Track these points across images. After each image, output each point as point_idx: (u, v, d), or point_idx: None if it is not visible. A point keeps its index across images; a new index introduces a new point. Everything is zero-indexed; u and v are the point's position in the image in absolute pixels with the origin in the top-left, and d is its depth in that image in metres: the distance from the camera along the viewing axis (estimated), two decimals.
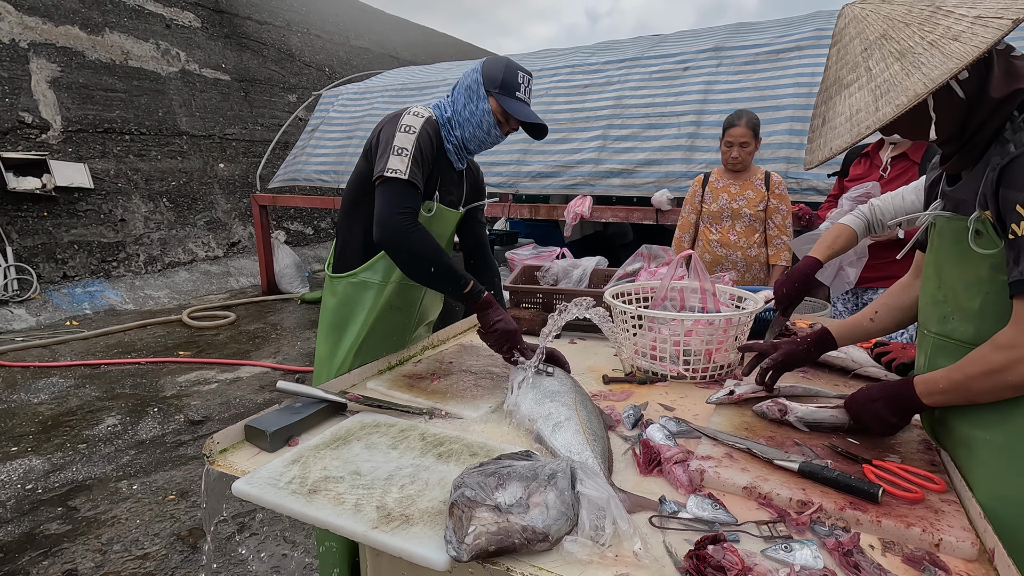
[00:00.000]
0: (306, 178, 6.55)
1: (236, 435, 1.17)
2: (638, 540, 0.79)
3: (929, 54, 0.80)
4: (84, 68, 6.79)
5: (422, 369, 1.60)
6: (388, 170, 1.41)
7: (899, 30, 0.84)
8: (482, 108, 1.50)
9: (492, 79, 1.49)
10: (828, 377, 1.55)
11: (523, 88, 1.51)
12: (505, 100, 1.48)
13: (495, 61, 1.52)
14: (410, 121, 1.47)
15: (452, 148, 1.58)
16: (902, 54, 0.82)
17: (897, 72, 0.82)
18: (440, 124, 1.55)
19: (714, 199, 2.84)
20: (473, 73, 1.52)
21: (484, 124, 1.52)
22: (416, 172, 1.43)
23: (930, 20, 0.82)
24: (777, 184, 2.78)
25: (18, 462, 3.00)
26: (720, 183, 2.84)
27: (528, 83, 1.53)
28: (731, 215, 2.80)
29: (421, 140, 1.46)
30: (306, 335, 5.50)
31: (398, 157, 1.42)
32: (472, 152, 1.61)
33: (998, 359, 0.88)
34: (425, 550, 0.81)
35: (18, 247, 5.99)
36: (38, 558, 2.28)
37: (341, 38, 10.81)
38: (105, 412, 3.65)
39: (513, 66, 1.50)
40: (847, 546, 0.81)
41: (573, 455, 1.05)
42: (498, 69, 1.49)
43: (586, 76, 5.28)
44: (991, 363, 0.89)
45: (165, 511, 2.59)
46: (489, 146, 1.59)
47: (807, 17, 4.98)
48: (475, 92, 1.50)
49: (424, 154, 1.47)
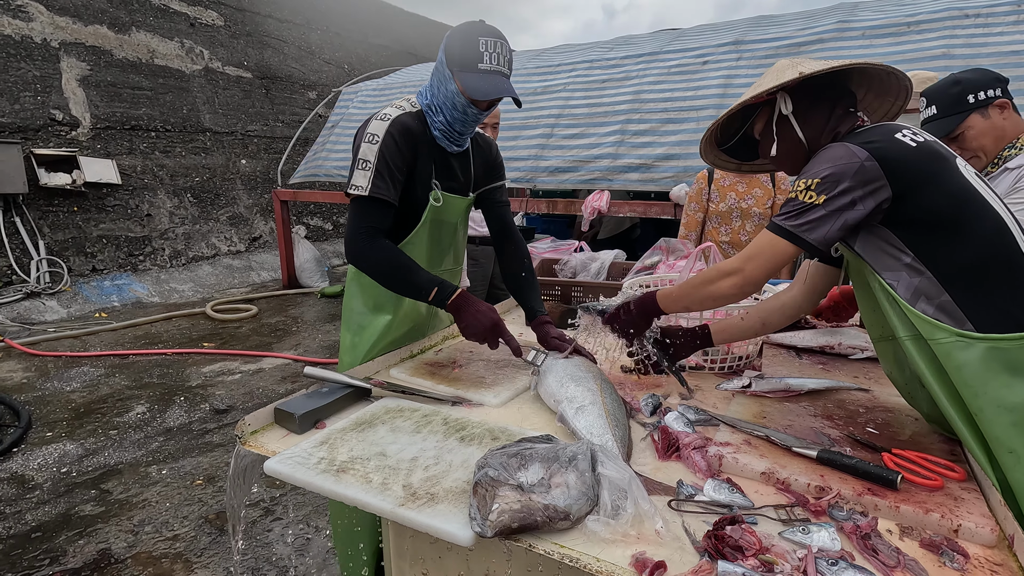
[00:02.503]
0: (326, 174, 6.63)
1: (266, 418, 1.21)
2: (659, 519, 0.81)
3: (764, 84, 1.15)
4: (112, 67, 6.96)
5: (443, 357, 1.64)
6: (352, 186, 1.42)
7: (770, 73, 1.16)
8: (451, 89, 1.42)
9: (452, 56, 1.39)
10: (845, 370, 1.55)
11: (487, 57, 1.37)
12: (465, 76, 1.38)
13: (454, 33, 1.40)
14: (374, 129, 1.44)
15: (440, 134, 1.52)
16: (757, 85, 1.18)
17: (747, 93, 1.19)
18: (425, 111, 1.52)
19: (721, 198, 2.76)
20: (440, 51, 1.43)
21: (458, 105, 1.43)
22: (380, 183, 1.41)
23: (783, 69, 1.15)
24: (783, 180, 2.73)
25: (53, 447, 3.12)
26: (726, 181, 2.77)
27: (495, 47, 1.37)
28: (741, 215, 2.73)
29: (385, 148, 1.42)
30: (326, 328, 5.59)
31: (361, 171, 1.41)
32: (463, 134, 1.54)
33: (712, 274, 1.17)
34: (451, 526, 0.84)
35: (49, 241, 6.17)
36: (74, 537, 2.38)
37: (360, 35, 10.90)
38: (134, 400, 3.76)
39: (472, 34, 1.37)
40: (865, 530, 0.83)
41: (594, 438, 1.07)
42: (456, 43, 1.38)
43: (604, 71, 5.27)
44: (707, 277, 1.18)
45: (193, 495, 2.68)
46: (476, 124, 1.51)
47: (829, 9, 4.90)
48: (441, 73, 1.43)
49: (391, 160, 1.43)
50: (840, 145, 1.04)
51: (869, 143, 1.01)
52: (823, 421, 1.18)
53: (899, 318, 1.03)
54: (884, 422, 1.18)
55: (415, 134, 1.49)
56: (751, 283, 1.12)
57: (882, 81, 1.16)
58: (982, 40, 3.70)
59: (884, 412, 1.23)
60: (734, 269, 1.13)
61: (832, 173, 1.00)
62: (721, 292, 1.15)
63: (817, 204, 1.01)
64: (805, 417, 1.20)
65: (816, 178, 1.02)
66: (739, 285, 1.12)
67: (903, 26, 4.07)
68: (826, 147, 1.07)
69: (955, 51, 3.73)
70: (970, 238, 0.97)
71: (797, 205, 1.05)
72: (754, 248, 1.11)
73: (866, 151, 1.00)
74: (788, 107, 1.15)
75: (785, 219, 1.06)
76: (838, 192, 1.00)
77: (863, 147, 1.01)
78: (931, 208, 0.99)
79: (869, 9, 4.54)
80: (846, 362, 1.61)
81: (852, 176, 0.99)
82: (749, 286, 1.12)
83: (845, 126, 1.13)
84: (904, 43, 4.00)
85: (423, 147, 1.51)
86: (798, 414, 1.21)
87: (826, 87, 1.14)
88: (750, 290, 1.13)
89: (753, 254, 1.10)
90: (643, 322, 1.35)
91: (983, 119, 1.63)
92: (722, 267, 1.15)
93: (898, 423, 1.18)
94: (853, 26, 4.30)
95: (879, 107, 1.24)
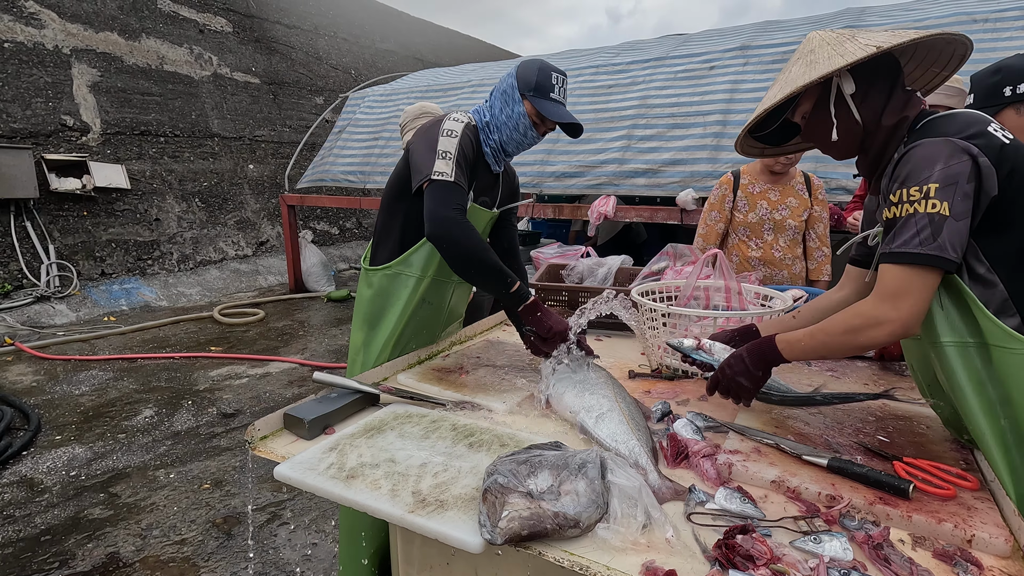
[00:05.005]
0: (333, 179, 6.67)
1: (275, 423, 1.22)
2: (670, 528, 0.81)
3: (825, 61, 1.02)
4: (122, 73, 7.03)
5: (450, 363, 1.64)
6: (435, 173, 1.46)
7: (821, 47, 1.05)
8: (518, 111, 1.54)
9: (526, 82, 1.53)
10: (855, 376, 1.54)
11: (557, 89, 1.55)
12: (539, 102, 1.53)
13: (529, 64, 1.56)
14: (452, 126, 1.52)
15: (490, 151, 1.62)
16: (811, 62, 1.04)
17: (799, 71, 1.06)
18: (479, 128, 1.61)
19: (751, 207, 2.42)
20: (509, 77, 1.57)
21: (520, 126, 1.56)
22: (460, 175, 1.48)
23: (839, 42, 1.03)
24: (819, 189, 2.49)
25: (62, 450, 3.14)
26: (756, 187, 2.44)
27: (562, 83, 1.57)
28: (773, 227, 2.41)
29: (463, 143, 1.51)
30: (332, 332, 5.61)
31: (443, 160, 1.47)
32: (510, 155, 1.66)
33: (856, 323, 1.00)
34: (460, 533, 0.84)
35: (59, 245, 6.23)
36: (83, 541, 2.39)
37: (367, 41, 10.97)
38: (142, 404, 3.78)
39: (547, 68, 1.54)
40: (877, 540, 0.82)
41: (619, 444, 1.07)
42: (532, 71, 1.53)
43: (610, 76, 5.28)
44: (850, 325, 1.01)
45: (200, 499, 2.69)
46: (526, 147, 1.63)
47: (837, 14, 4.89)
48: (510, 96, 1.55)
49: (466, 157, 1.52)
50: (944, 141, 0.92)
51: (972, 137, 0.92)
52: (834, 429, 1.17)
53: (948, 324, 0.97)
54: (896, 430, 1.17)
55: (475, 144, 1.59)
56: (910, 329, 0.95)
57: (938, 51, 1.06)
58: (991, 45, 3.68)
59: (896, 420, 1.22)
60: (886, 317, 0.95)
61: (948, 176, 0.90)
62: (875, 342, 0.99)
63: (945, 215, 0.90)
64: (815, 425, 1.19)
65: (933, 183, 0.91)
66: (897, 333, 0.96)
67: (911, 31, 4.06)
68: (922, 144, 0.95)
69: None
70: None
71: (924, 220, 0.91)
72: (895, 286, 0.94)
73: (976, 147, 0.91)
74: (851, 87, 1.03)
75: (920, 244, 0.91)
76: (961, 196, 0.90)
77: (970, 141, 0.91)
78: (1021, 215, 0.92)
79: (876, 14, 4.53)
80: (856, 368, 1.60)
81: (968, 177, 0.90)
82: (910, 331, 0.96)
83: (912, 109, 1.03)
84: None
85: (478, 158, 1.62)
86: (808, 422, 1.21)
87: (884, 63, 1.03)
88: (911, 334, 0.97)
89: (898, 292, 0.94)
90: (763, 375, 1.14)
91: (1017, 115, 1.48)
92: (866, 313, 0.98)
93: (910, 431, 1.17)
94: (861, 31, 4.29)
95: (920, 77, 1.14)
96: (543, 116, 1.54)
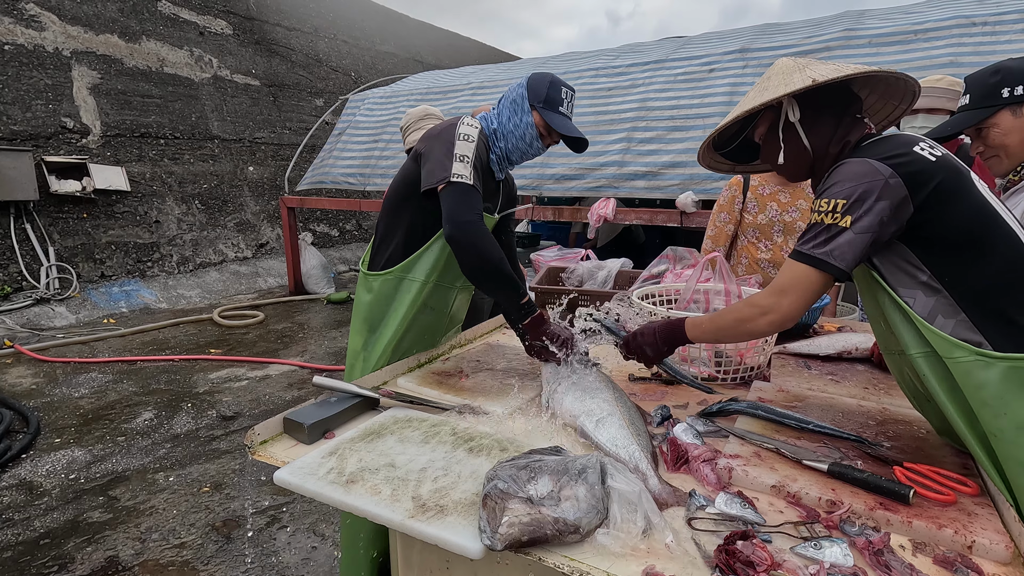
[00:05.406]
0: (333, 181, 6.67)
1: (275, 427, 1.22)
2: (669, 533, 0.81)
3: (772, 88, 1.10)
4: (122, 75, 7.04)
5: (450, 367, 1.64)
6: (454, 175, 1.46)
7: (776, 75, 1.12)
8: (526, 121, 1.56)
9: (536, 93, 1.55)
10: (855, 380, 1.54)
11: (566, 103, 1.58)
12: (548, 114, 1.54)
13: (540, 76, 1.58)
14: (468, 131, 1.53)
15: (495, 159, 1.64)
16: (763, 88, 1.12)
17: (753, 95, 1.14)
18: (488, 135, 1.62)
19: (760, 209, 2.43)
20: (519, 88, 1.59)
21: (527, 136, 1.58)
22: (476, 178, 1.49)
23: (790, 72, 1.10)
24: None
25: (62, 453, 3.13)
26: (766, 189, 2.44)
27: (571, 98, 1.60)
28: (783, 229, 2.41)
29: (479, 149, 1.53)
30: (332, 335, 5.61)
31: (461, 164, 1.47)
32: (514, 163, 1.68)
33: (747, 312, 1.11)
34: (460, 539, 0.84)
35: (59, 247, 6.23)
36: (82, 544, 2.38)
37: (367, 43, 10.98)
38: (142, 407, 3.78)
39: (557, 82, 1.56)
40: (877, 545, 0.82)
41: (619, 449, 1.07)
42: (542, 84, 1.55)
43: (610, 79, 5.28)
44: (742, 314, 1.13)
45: (200, 502, 2.68)
46: (530, 157, 1.65)
47: (836, 17, 4.90)
48: (520, 106, 1.57)
49: (482, 163, 1.54)
50: (861, 161, 0.99)
51: (891, 158, 0.98)
52: None
53: (912, 335, 1.01)
54: (895, 435, 1.17)
55: (486, 151, 1.61)
56: (789, 320, 1.06)
57: (890, 85, 1.13)
58: (990, 48, 3.69)
59: (896, 424, 1.22)
60: (769, 307, 1.07)
61: (857, 193, 0.96)
62: (759, 330, 1.11)
63: (845, 228, 0.97)
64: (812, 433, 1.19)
65: (841, 199, 0.98)
66: (777, 323, 1.07)
67: (910, 34, 4.07)
68: (845, 163, 1.02)
69: (963, 59, 3.71)
70: (989, 257, 0.95)
71: (823, 229, 1.00)
72: (785, 281, 1.05)
73: (890, 167, 0.96)
74: (796, 114, 1.11)
75: (813, 247, 1.01)
76: (865, 213, 0.96)
77: (886, 163, 0.97)
78: (951, 226, 0.96)
79: (876, 17, 4.53)
80: (856, 372, 1.60)
81: (878, 195, 0.95)
82: (788, 322, 1.07)
83: (855, 135, 1.10)
84: (911, 51, 3.99)
85: (485, 164, 1.63)
86: None
87: (834, 92, 1.11)
88: (789, 326, 1.09)
89: (785, 287, 1.05)
90: (667, 349, 1.31)
91: (1014, 117, 1.48)
92: (756, 302, 1.10)
93: (910, 436, 1.17)
94: (860, 34, 4.30)
95: (881, 109, 1.20)
96: (550, 128, 1.56)
